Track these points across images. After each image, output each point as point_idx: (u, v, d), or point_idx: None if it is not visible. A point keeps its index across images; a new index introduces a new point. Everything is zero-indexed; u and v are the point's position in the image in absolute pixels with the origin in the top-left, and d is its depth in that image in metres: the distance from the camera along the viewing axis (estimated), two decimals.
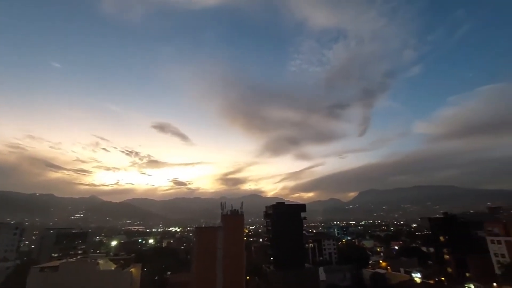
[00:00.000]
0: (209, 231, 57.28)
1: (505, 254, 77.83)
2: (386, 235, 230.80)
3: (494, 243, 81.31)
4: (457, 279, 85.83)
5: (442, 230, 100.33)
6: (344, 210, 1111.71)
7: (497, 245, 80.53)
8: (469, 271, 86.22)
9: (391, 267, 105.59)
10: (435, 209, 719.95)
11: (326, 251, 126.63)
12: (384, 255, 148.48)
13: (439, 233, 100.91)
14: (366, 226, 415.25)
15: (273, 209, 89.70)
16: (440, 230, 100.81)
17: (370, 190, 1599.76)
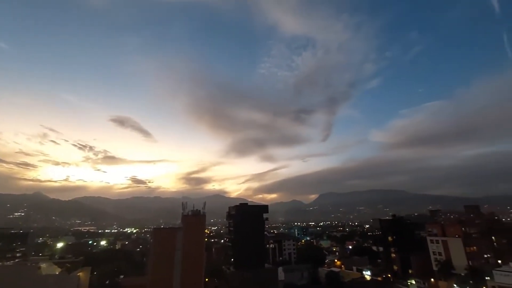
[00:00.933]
0: (168, 232, 55.00)
1: (441, 253, 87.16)
2: (342, 236, 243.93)
3: (433, 242, 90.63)
4: (402, 275, 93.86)
5: (390, 230, 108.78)
6: (305, 212, 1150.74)
7: (435, 244, 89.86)
8: (411, 268, 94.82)
9: (345, 265, 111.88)
10: (386, 211, 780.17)
11: (286, 251, 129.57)
12: (339, 254, 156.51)
13: (387, 234, 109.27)
14: (324, 227, 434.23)
15: (236, 209, 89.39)
16: (389, 231, 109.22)
17: (329, 193, 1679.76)
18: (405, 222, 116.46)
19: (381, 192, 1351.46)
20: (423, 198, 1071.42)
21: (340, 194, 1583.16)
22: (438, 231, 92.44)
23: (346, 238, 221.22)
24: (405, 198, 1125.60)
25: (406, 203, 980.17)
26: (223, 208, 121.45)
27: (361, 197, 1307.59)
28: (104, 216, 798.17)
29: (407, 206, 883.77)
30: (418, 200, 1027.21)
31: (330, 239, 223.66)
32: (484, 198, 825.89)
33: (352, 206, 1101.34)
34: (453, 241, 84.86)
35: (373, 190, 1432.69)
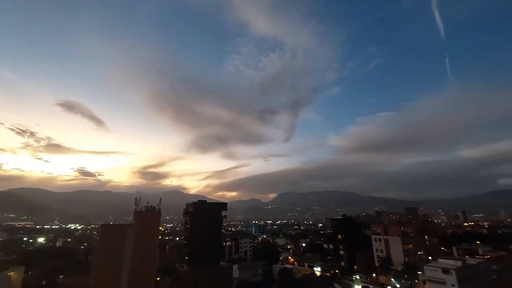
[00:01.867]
0: (117, 229, 51.47)
1: (383, 250, 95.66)
2: (297, 234, 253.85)
3: (376, 240, 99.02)
4: (348, 271, 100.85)
5: (340, 229, 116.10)
6: (264, 210, 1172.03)
7: (378, 242, 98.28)
8: (357, 264, 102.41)
9: (298, 262, 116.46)
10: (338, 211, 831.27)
11: (242, 249, 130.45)
12: (293, 251, 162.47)
13: (338, 232, 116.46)
14: (281, 225, 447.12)
15: (194, 206, 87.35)
16: (339, 230, 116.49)
17: (288, 193, 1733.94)
18: (353, 221, 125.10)
19: (335, 193, 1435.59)
20: (371, 199, 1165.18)
21: (298, 194, 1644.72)
22: (381, 230, 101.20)
23: (300, 236, 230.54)
24: (355, 199, 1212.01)
25: (356, 204, 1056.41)
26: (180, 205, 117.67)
27: (317, 197, 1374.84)
28: (43, 210, 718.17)
29: (357, 207, 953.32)
30: (366, 201, 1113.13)
31: (286, 237, 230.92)
32: (421, 201, 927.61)
33: (308, 205, 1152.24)
34: (393, 239, 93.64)
35: (328, 191, 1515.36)
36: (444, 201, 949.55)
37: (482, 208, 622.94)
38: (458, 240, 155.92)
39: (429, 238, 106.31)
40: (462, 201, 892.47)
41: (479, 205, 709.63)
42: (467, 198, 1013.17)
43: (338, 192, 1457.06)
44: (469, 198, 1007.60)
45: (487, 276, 63.30)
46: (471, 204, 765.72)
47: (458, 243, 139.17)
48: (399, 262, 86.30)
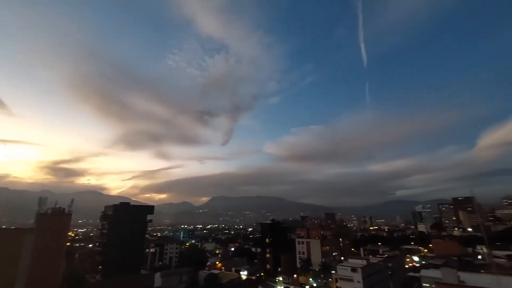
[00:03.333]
0: (12, 233, 42.38)
1: (305, 252, 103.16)
2: (227, 238, 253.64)
3: (300, 243, 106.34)
4: (272, 273, 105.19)
5: (268, 233, 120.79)
6: (195, 214, 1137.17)
7: (301, 245, 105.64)
8: (281, 266, 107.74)
9: (225, 267, 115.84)
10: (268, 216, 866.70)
11: (167, 255, 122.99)
12: (222, 256, 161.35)
13: (266, 236, 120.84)
14: (212, 229, 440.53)
15: (114, 209, 78.69)
16: (267, 234, 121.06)
17: (221, 197, 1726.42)
18: (281, 226, 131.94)
19: (266, 198, 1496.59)
20: (298, 205, 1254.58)
21: (231, 198, 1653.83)
22: (305, 234, 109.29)
23: (230, 240, 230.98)
24: (285, 205, 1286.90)
25: (285, 209, 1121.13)
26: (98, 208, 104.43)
27: (249, 202, 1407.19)
28: None
29: (286, 212, 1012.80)
30: (294, 207, 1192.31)
31: (215, 242, 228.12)
32: (339, 208, 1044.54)
33: (240, 210, 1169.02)
34: (314, 242, 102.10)
35: (260, 197, 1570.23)
36: (357, 208, 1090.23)
37: (384, 214, 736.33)
38: (365, 242, 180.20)
39: (343, 240, 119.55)
40: (370, 208, 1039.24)
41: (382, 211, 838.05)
42: (374, 206, 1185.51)
43: (270, 197, 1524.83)
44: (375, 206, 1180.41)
45: (385, 272, 74.52)
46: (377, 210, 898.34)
47: (365, 244, 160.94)
48: (317, 263, 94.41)
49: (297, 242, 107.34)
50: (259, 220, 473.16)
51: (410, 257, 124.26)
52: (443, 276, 49.12)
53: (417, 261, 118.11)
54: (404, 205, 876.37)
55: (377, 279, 67.79)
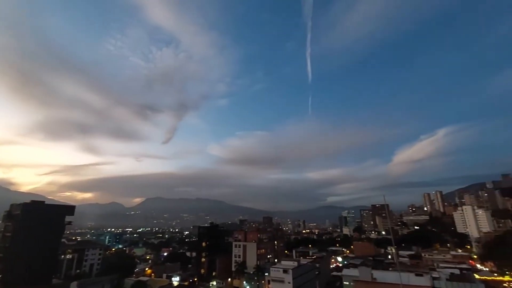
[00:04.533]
0: None
1: (241, 255, 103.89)
2: (160, 242, 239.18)
3: (236, 247, 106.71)
4: (206, 278, 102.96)
5: (206, 237, 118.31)
6: (125, 216, 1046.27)
7: (237, 248, 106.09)
8: (216, 270, 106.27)
9: (156, 273, 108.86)
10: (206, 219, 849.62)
11: (87, 262, 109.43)
12: (152, 262, 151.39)
13: (203, 240, 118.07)
14: (143, 233, 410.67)
15: (23, 208, 66.78)
16: (204, 237, 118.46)
17: (157, 198, 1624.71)
18: (219, 229, 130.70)
19: (206, 201, 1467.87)
20: (238, 209, 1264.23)
21: (168, 199, 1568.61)
22: (242, 237, 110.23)
23: (163, 245, 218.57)
24: (224, 208, 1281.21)
25: (225, 212, 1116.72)
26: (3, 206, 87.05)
27: (187, 205, 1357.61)
28: None
29: (225, 215, 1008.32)
30: (234, 210, 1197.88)
31: (146, 247, 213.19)
32: (276, 212, 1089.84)
33: (177, 212, 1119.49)
34: (250, 245, 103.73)
35: (200, 199, 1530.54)
36: (292, 212, 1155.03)
37: (316, 218, 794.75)
38: (297, 244, 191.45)
39: (278, 243, 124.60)
40: (303, 213, 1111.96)
41: (314, 216, 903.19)
42: (307, 210, 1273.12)
43: (210, 200, 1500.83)
44: (308, 210, 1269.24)
45: (312, 272, 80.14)
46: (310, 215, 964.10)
47: (297, 246, 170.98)
48: (252, 266, 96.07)
49: (234, 246, 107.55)
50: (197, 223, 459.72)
51: (335, 257, 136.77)
52: (360, 274, 55.31)
53: (340, 261, 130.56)
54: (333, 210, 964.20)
55: (306, 279, 72.43)
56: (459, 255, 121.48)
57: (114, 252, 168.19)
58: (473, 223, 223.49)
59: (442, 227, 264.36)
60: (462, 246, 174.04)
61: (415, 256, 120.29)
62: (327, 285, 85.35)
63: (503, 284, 76.20)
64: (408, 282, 47.65)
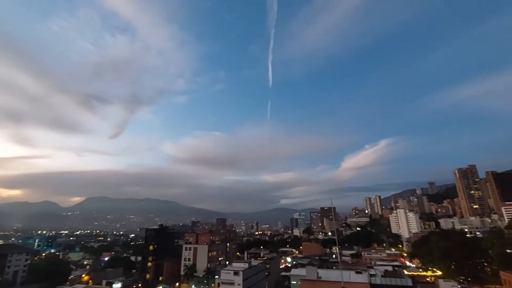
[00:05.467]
0: None
1: (191, 258, 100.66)
2: (101, 246, 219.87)
3: (187, 249, 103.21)
4: (152, 283, 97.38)
5: (154, 240, 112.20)
6: (61, 217, 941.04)
7: (188, 251, 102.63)
8: (163, 275, 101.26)
9: (94, 280, 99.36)
10: (156, 221, 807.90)
11: (11, 269, 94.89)
12: (91, 267, 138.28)
13: (150, 243, 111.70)
14: (81, 236, 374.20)
15: None
16: (152, 240, 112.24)
17: (100, 197, 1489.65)
18: (169, 231, 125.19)
19: (156, 201, 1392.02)
20: (191, 210, 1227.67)
21: (113, 199, 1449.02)
22: (193, 239, 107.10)
23: (104, 248, 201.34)
24: (176, 209, 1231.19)
25: (176, 213, 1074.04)
26: None
27: (135, 205, 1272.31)
28: None
29: (177, 216, 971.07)
30: (187, 211, 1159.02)
31: (85, 251, 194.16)
32: (231, 213, 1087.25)
33: (123, 213, 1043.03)
34: (201, 247, 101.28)
35: (150, 199, 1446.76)
36: (247, 214, 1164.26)
37: (269, 220, 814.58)
38: (250, 246, 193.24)
39: (230, 245, 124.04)
40: (257, 214, 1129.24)
41: (268, 218, 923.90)
42: (261, 212, 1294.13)
43: (160, 201, 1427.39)
44: (262, 212, 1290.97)
45: (263, 273, 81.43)
46: (263, 217, 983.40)
47: (249, 248, 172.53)
48: (202, 269, 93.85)
49: (184, 248, 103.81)
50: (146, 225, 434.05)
51: (285, 258, 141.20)
52: (306, 273, 57.90)
53: (290, 261, 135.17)
54: (286, 212, 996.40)
55: (256, 280, 73.23)
56: (392, 253, 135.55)
57: (45, 257, 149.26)
58: (405, 225, 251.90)
59: (379, 228, 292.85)
60: (395, 245, 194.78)
61: (356, 255, 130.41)
62: (276, 285, 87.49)
63: (426, 278, 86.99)
64: (349, 279, 51.40)
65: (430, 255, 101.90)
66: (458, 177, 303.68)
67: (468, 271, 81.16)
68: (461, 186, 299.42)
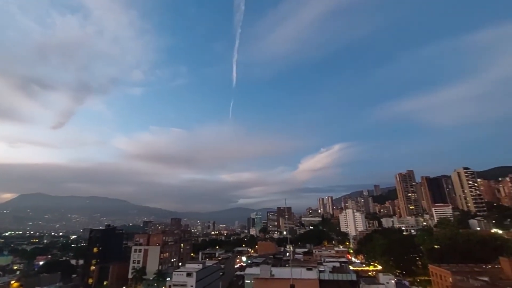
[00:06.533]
0: None
1: (140, 261, 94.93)
2: (35, 249, 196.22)
3: (137, 251, 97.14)
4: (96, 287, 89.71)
5: (99, 241, 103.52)
6: None
7: (137, 253, 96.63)
8: (108, 279, 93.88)
9: (26, 286, 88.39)
10: (102, 220, 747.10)
11: None
12: (22, 273, 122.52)
13: (95, 244, 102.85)
14: (11, 238, 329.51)
15: None
16: (97, 242, 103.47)
17: (36, 194, 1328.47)
18: (117, 232, 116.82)
19: (104, 200, 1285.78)
20: (144, 209, 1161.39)
21: (52, 197, 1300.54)
22: (144, 240, 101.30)
23: (40, 251, 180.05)
24: (127, 208, 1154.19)
25: (127, 213, 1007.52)
26: None
27: (79, 204, 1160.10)
28: None
29: (127, 216, 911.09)
30: (139, 211, 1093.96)
31: (15, 254, 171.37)
32: (187, 213, 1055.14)
33: (64, 213, 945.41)
34: (153, 249, 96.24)
35: (96, 197, 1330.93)
36: (203, 214, 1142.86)
37: (227, 220, 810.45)
38: (205, 246, 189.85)
39: (184, 246, 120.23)
40: (215, 214, 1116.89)
41: (225, 217, 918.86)
42: (219, 212, 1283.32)
43: (109, 199, 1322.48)
44: (220, 212, 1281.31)
45: (217, 273, 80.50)
46: (221, 216, 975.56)
47: (204, 248, 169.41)
48: (153, 271, 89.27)
49: (133, 250, 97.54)
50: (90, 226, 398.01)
51: (240, 257, 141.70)
52: (260, 272, 58.75)
53: (245, 260, 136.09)
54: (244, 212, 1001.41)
55: (210, 281, 72.07)
56: (340, 250, 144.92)
57: None
58: (352, 224, 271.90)
59: (330, 227, 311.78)
60: (343, 243, 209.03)
61: (308, 252, 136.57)
62: (230, 284, 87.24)
63: (369, 273, 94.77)
64: (300, 276, 53.51)
65: (373, 251, 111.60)
66: (399, 181, 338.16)
67: (403, 265, 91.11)
68: (400, 189, 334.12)
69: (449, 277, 56.21)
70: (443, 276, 60.56)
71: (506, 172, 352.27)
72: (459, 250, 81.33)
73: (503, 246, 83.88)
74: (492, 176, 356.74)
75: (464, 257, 75.22)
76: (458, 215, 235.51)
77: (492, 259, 71.74)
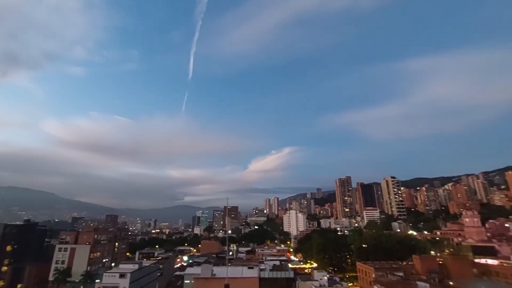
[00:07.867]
0: None
1: (65, 261, 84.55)
2: None
3: (61, 250, 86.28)
4: None
5: (14, 238, 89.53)
6: None
7: (62, 253, 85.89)
8: (23, 281, 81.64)
9: None
10: (21, 215, 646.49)
11: None
12: None
13: (8, 242, 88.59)
14: None
15: None
16: (12, 239, 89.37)
17: None
18: (38, 228, 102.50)
19: (25, 191, 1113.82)
20: (74, 204, 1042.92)
21: None
22: (72, 238, 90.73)
23: None
24: (53, 202, 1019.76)
25: (53, 207, 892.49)
26: None
27: None
28: None
29: (53, 211, 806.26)
30: (68, 205, 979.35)
31: None
32: (125, 210, 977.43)
33: None
34: (81, 248, 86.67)
35: (15, 188, 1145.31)
36: (144, 211, 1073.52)
37: (170, 218, 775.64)
38: (143, 245, 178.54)
39: (119, 245, 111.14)
40: (158, 211, 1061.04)
41: (169, 215, 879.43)
42: (162, 209, 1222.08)
43: (32, 190, 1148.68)
44: (164, 209, 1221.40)
45: (155, 274, 76.24)
46: (164, 214, 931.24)
47: (143, 247, 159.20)
48: (80, 272, 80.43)
49: (57, 249, 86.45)
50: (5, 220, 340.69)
51: (181, 257, 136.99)
52: (201, 271, 57.63)
53: (186, 260, 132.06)
54: (189, 210, 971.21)
55: (146, 282, 67.89)
56: (282, 249, 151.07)
57: None
58: (294, 224, 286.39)
59: (274, 227, 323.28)
60: (285, 242, 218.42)
61: (251, 251, 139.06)
62: (167, 285, 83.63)
63: (305, 270, 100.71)
64: (242, 274, 54.10)
65: (310, 250, 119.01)
66: (338, 185, 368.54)
67: (335, 262, 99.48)
68: (339, 193, 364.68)
69: (373, 273, 62.97)
70: (367, 272, 67.57)
71: (423, 182, 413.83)
72: (383, 249, 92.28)
73: (416, 245, 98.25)
74: (412, 185, 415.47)
75: (386, 255, 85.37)
76: (384, 218, 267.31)
77: (407, 257, 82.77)
